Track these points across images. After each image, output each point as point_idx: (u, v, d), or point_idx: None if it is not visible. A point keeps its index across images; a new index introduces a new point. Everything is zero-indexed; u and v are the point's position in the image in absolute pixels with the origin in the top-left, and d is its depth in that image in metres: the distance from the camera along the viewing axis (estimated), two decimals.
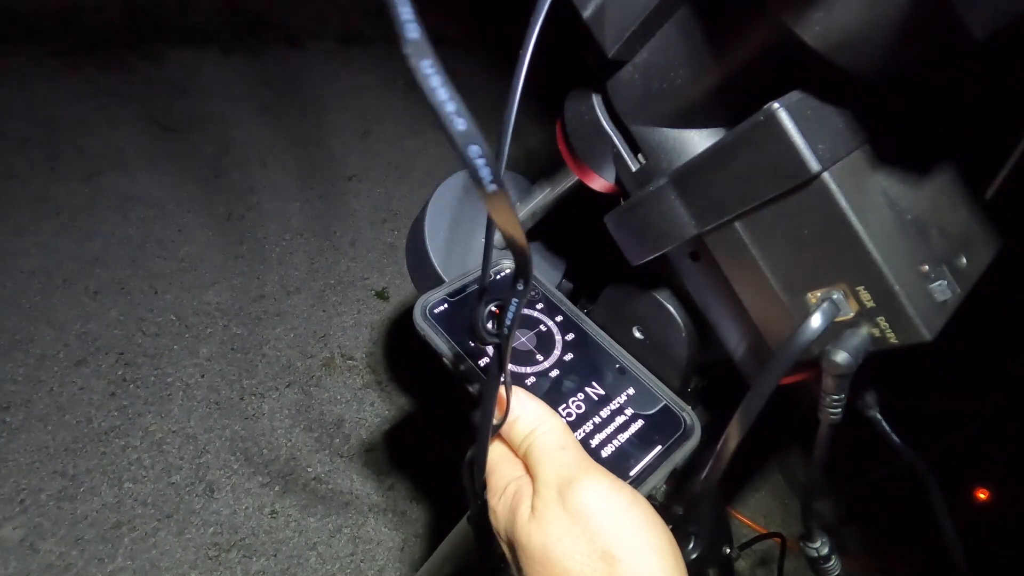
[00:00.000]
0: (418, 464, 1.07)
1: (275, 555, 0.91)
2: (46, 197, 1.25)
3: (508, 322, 0.21)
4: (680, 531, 0.37)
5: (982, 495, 0.96)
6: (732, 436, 0.26)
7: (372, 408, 1.11)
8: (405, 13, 0.13)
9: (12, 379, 0.98)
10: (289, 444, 1.03)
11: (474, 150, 0.15)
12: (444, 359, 0.33)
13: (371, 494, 1.01)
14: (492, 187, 0.15)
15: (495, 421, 0.26)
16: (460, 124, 0.14)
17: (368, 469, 1.04)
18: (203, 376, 1.07)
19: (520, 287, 0.20)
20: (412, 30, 0.13)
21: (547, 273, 0.49)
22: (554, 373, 0.34)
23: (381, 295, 1.30)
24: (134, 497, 0.91)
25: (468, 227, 0.48)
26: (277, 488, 0.97)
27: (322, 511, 0.97)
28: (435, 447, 1.08)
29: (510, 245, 0.18)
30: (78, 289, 1.13)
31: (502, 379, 0.24)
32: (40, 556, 0.83)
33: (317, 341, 1.18)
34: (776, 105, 0.22)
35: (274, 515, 0.94)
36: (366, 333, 1.22)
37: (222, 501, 0.94)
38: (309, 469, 1.01)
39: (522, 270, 0.19)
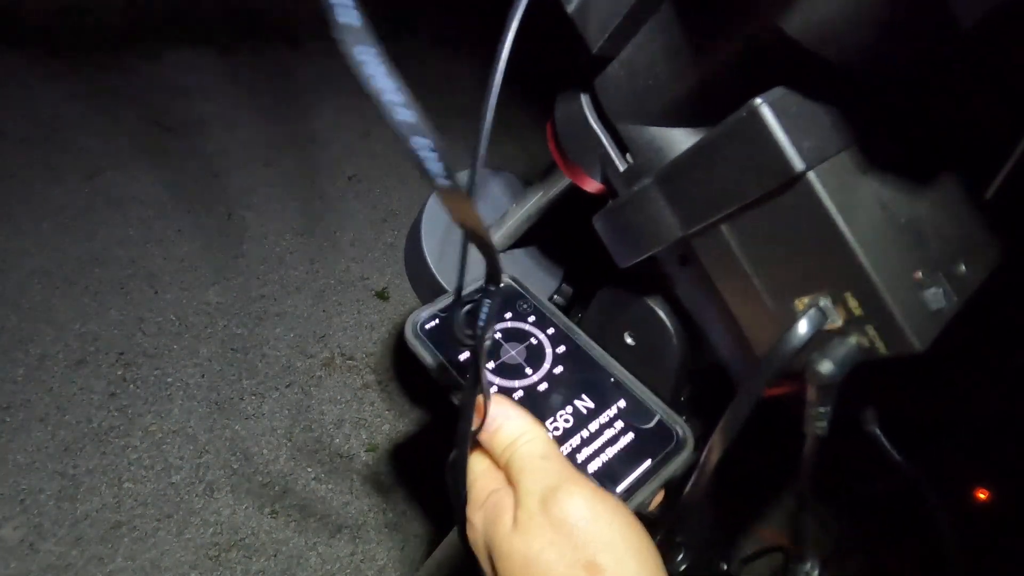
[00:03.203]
0: (418, 464, 1.07)
1: (275, 555, 0.91)
2: (46, 197, 1.25)
3: (481, 323, 0.21)
4: (669, 541, 0.37)
5: (982, 495, 0.96)
6: (716, 447, 0.26)
7: (372, 408, 1.11)
8: None
9: (12, 379, 0.98)
10: (289, 444, 1.03)
11: (420, 142, 0.13)
12: (432, 374, 0.33)
13: (371, 494, 1.01)
14: (444, 182, 0.14)
15: (473, 427, 0.26)
16: (403, 114, 0.13)
17: (368, 469, 1.04)
18: (203, 376, 1.07)
19: (492, 288, 0.19)
20: (342, 13, 0.12)
21: (543, 280, 0.48)
22: (543, 387, 0.34)
23: (381, 295, 1.30)
24: (134, 497, 0.91)
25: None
26: (277, 488, 0.97)
27: (322, 511, 0.97)
28: (435, 447, 1.08)
29: (474, 242, 0.17)
30: (78, 289, 1.12)
31: (479, 384, 0.24)
32: (40, 556, 0.83)
33: (317, 341, 1.18)
34: (759, 101, 0.22)
35: (274, 515, 0.94)
36: (366, 333, 1.22)
37: (222, 501, 0.94)
38: (309, 469, 1.01)
39: (491, 269, 0.18)
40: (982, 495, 0.96)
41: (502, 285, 0.39)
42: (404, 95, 0.13)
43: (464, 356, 0.34)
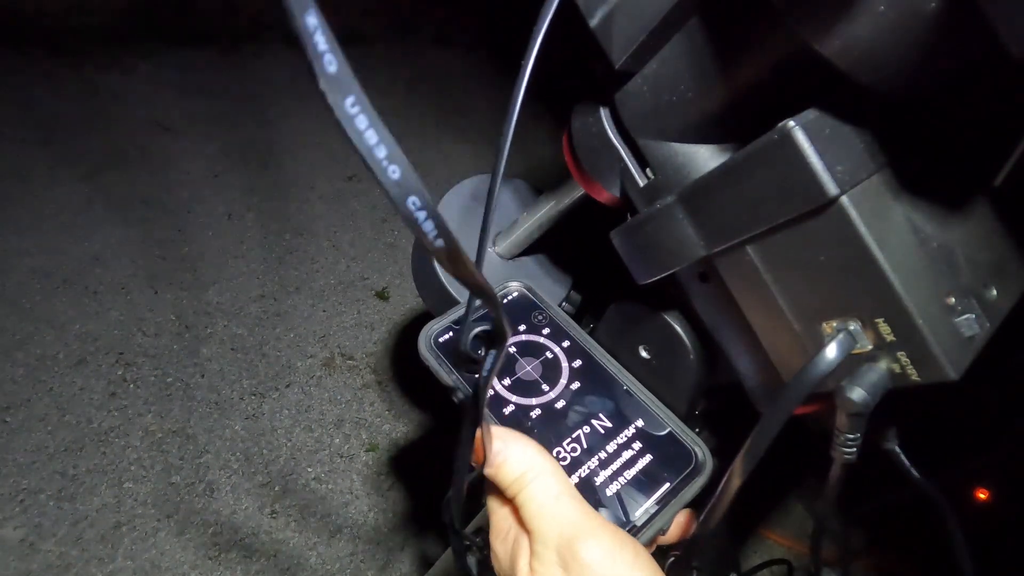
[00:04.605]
0: (418, 464, 1.07)
1: (275, 555, 0.91)
2: (46, 197, 1.25)
3: (486, 373, 0.20)
4: (681, 563, 0.36)
5: (982, 495, 0.95)
6: (736, 474, 0.25)
7: (372, 408, 1.11)
8: (320, 43, 0.11)
9: (12, 379, 0.98)
10: (289, 444, 1.03)
11: (413, 202, 0.12)
12: (448, 392, 0.32)
13: (371, 494, 1.01)
14: (439, 243, 0.13)
15: (475, 467, 0.25)
16: (394, 172, 0.12)
17: (368, 469, 1.04)
18: (203, 376, 1.07)
19: (498, 345, 0.19)
20: (329, 62, 0.11)
21: (551, 288, 0.47)
22: (560, 404, 0.33)
23: (381, 295, 1.30)
24: (134, 497, 0.91)
25: (477, 238, 0.46)
26: (277, 488, 0.97)
27: (322, 511, 0.97)
28: (435, 447, 1.08)
29: (478, 297, 0.16)
30: (78, 289, 1.12)
31: (480, 422, 0.23)
32: (40, 556, 0.83)
33: (317, 341, 1.18)
34: (791, 123, 0.21)
35: (274, 515, 0.94)
36: (366, 333, 1.22)
37: (222, 501, 0.94)
38: (309, 469, 1.01)
39: (497, 328, 0.18)
40: (982, 495, 0.96)
41: (516, 295, 0.39)
42: (393, 147, 0.12)
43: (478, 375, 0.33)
